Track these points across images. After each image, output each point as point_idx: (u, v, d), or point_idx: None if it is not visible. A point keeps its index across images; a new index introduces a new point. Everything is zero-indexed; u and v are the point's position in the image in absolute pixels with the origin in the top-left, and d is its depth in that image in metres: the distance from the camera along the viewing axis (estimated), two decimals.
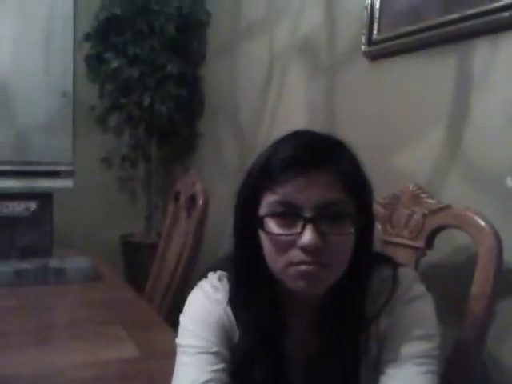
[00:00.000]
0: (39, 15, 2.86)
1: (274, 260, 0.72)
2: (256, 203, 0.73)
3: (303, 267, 0.69)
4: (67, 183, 3.03)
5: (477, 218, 0.96)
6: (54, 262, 1.63)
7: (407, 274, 0.79)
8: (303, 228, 0.68)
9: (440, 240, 1.08)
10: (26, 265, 1.58)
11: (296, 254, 0.69)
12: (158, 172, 3.05)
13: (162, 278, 1.74)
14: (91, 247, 2.26)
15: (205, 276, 0.85)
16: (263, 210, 0.72)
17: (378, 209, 1.14)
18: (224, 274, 0.82)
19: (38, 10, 2.85)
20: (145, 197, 3.10)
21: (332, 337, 0.75)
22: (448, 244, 1.15)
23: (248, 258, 0.76)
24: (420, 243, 1.06)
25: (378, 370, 0.72)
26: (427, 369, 0.69)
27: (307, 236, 0.67)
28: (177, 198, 1.80)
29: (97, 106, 2.84)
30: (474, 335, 0.90)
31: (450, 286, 1.14)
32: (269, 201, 0.71)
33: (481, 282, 0.92)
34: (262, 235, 0.73)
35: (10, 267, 1.55)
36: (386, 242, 1.13)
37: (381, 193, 1.18)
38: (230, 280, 0.80)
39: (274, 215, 0.70)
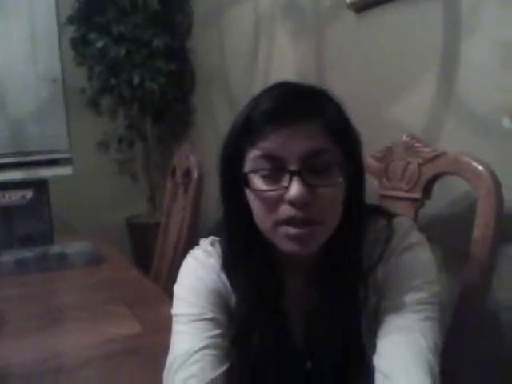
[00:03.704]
0: (21, 3, 2.80)
1: (262, 219, 0.69)
2: (240, 160, 0.70)
3: (292, 230, 0.66)
4: (66, 170, 3.01)
5: (474, 163, 0.93)
6: (55, 249, 1.63)
7: (403, 222, 0.77)
8: (290, 181, 0.64)
9: (438, 189, 1.04)
10: (27, 253, 1.58)
11: (284, 210, 0.66)
12: (155, 151, 3.03)
13: (166, 255, 1.73)
14: (97, 232, 2.25)
15: (197, 244, 0.83)
16: (247, 166, 0.69)
17: (372, 163, 1.11)
18: (216, 239, 0.80)
19: None
20: (145, 177, 3.08)
21: (331, 291, 0.73)
22: (446, 192, 1.12)
23: (237, 219, 0.73)
24: (417, 194, 1.03)
25: (377, 319, 0.71)
26: (426, 315, 0.67)
27: (294, 189, 0.64)
28: (173, 174, 1.78)
29: (87, 88, 2.80)
30: (479, 279, 0.88)
31: (451, 234, 1.12)
32: (252, 156, 0.68)
33: (482, 226, 0.89)
34: (249, 193, 0.70)
35: (11, 256, 1.55)
36: (384, 197, 1.10)
37: (375, 147, 1.15)
38: (221, 244, 0.78)
39: (258, 171, 0.67)
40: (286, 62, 1.89)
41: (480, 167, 0.92)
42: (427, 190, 1.03)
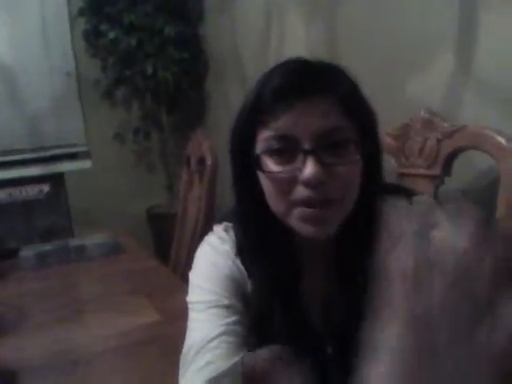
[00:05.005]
0: None
1: (276, 202, 0.66)
2: (251, 141, 0.67)
3: (307, 211, 0.63)
4: (85, 164, 3.01)
5: (495, 136, 0.89)
6: (74, 241, 1.64)
7: (423, 201, 0.73)
8: (304, 161, 0.61)
9: (459, 165, 1.00)
10: (47, 247, 1.59)
11: (299, 192, 0.63)
12: (171, 140, 3.01)
13: (184, 244, 1.72)
14: (118, 224, 2.26)
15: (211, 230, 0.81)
16: (259, 147, 0.66)
17: (389, 141, 1.07)
18: (230, 224, 0.78)
19: None
20: (163, 167, 3.07)
21: (350, 275, 0.70)
22: (468, 168, 1.07)
23: (251, 203, 0.71)
24: (437, 171, 0.99)
25: None
26: None
27: (309, 169, 0.60)
28: (188, 163, 1.76)
29: (101, 80, 2.79)
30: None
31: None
32: (264, 137, 0.65)
33: (506, 201, 0.85)
34: (261, 176, 0.67)
35: (31, 250, 1.56)
36: (402, 175, 1.06)
37: (392, 125, 1.11)
38: (235, 230, 0.76)
39: (270, 152, 0.64)
40: (298, 44, 1.85)
41: (502, 140, 0.88)
42: (447, 167, 0.99)
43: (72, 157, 2.98)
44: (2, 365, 0.92)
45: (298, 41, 1.85)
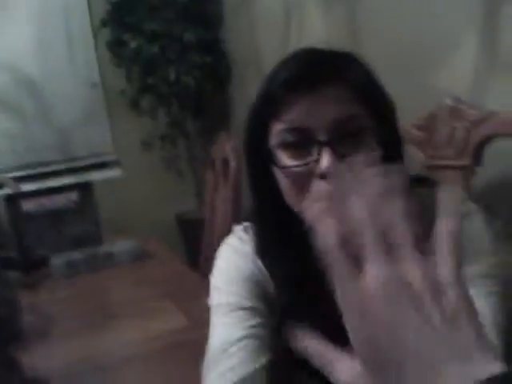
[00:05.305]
0: (55, 10, 2.85)
1: (292, 197, 0.64)
2: (265, 136, 0.65)
3: None
4: (115, 172, 3.06)
5: None
6: (103, 248, 1.65)
7: (449, 190, 0.69)
8: (319, 153, 0.59)
9: (490, 154, 0.96)
10: (76, 255, 1.60)
11: (317, 185, 0.60)
12: (198, 146, 3.02)
13: (212, 248, 1.71)
14: (149, 231, 2.27)
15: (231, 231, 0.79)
16: (273, 141, 0.64)
17: (415, 133, 1.03)
18: (249, 224, 0.76)
19: (54, 5, 2.84)
20: (191, 173, 3.08)
21: None
22: (500, 157, 1.02)
23: (267, 199, 0.69)
24: (467, 160, 0.95)
25: None
26: (485, 290, 0.60)
27: (325, 161, 0.58)
28: (213, 165, 1.75)
29: (126, 90, 2.82)
30: None
31: (508, 203, 1.03)
32: (277, 130, 0.63)
33: None
34: (276, 171, 0.65)
35: (61, 259, 1.57)
36: (430, 167, 1.02)
37: (417, 116, 1.07)
38: (254, 229, 0.74)
39: (284, 145, 0.62)
40: (318, 39, 1.82)
41: None
42: (477, 156, 0.95)
43: (101, 166, 3.03)
44: (32, 373, 0.93)
45: (318, 36, 1.82)
